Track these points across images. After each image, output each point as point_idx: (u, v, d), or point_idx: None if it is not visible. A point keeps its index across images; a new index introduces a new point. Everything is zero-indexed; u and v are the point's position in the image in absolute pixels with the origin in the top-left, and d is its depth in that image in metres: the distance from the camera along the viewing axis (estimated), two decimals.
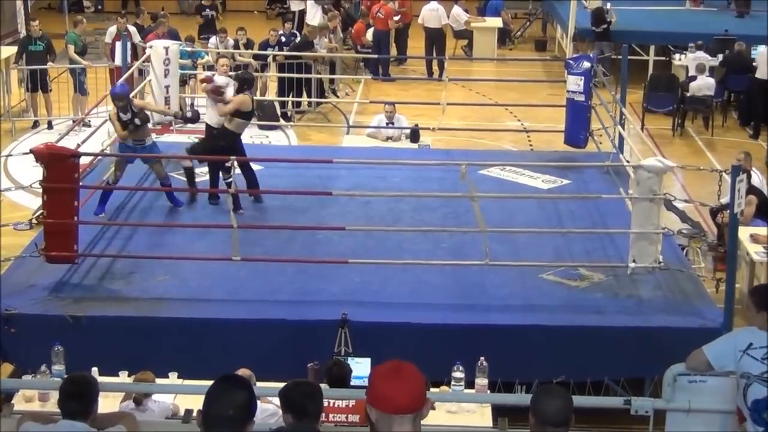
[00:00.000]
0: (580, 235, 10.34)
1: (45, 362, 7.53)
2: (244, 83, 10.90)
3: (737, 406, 5.24)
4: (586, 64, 12.58)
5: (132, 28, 17.25)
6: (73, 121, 14.95)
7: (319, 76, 16.88)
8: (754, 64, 17.53)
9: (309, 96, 16.88)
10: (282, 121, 16.45)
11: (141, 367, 7.28)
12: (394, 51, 20.30)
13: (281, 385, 6.85)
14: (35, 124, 16.21)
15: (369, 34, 20.08)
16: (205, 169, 11.38)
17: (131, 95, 13.53)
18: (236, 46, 17.45)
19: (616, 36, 18.86)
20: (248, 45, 17.73)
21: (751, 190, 11.10)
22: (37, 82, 16.01)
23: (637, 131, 13.39)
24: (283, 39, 17.51)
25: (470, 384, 7.54)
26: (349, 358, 7.77)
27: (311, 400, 4.66)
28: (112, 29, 17.27)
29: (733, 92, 17.71)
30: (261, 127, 15.97)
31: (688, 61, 17.70)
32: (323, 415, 6.78)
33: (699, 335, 7.61)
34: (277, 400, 6.90)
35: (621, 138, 12.70)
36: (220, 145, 10.71)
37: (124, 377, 7.53)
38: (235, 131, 10.82)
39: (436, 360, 7.75)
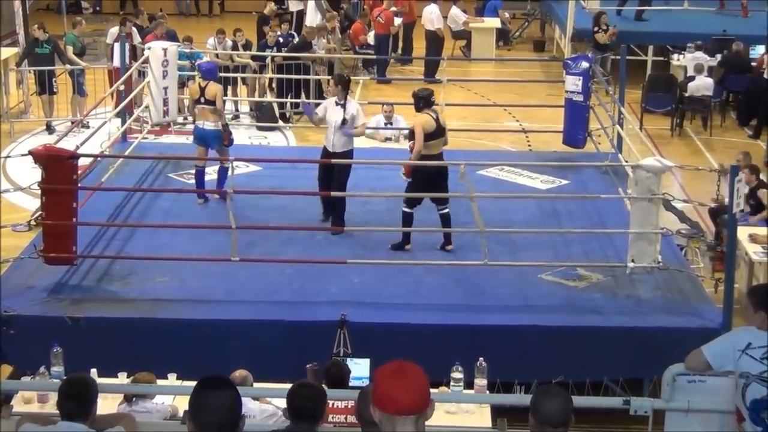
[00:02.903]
0: (578, 236, 10.35)
1: (44, 363, 7.52)
2: (420, 102, 10.12)
3: (736, 405, 5.24)
4: (585, 65, 12.58)
5: (133, 29, 17.23)
6: (72, 123, 14.95)
7: (317, 77, 16.87)
8: (753, 63, 17.55)
9: (307, 97, 16.87)
10: (280, 122, 16.45)
11: (140, 368, 7.27)
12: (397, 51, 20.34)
13: (280, 385, 6.89)
14: (48, 127, 16.14)
15: (370, 37, 20.06)
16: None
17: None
18: (234, 47, 17.44)
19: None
20: (246, 46, 17.72)
21: (762, 184, 11.15)
22: (45, 85, 16.00)
23: (636, 131, 13.37)
24: (281, 40, 17.50)
25: (469, 384, 7.54)
26: (348, 359, 7.78)
27: (310, 401, 4.66)
28: (113, 30, 17.23)
29: (731, 92, 17.71)
30: (259, 128, 15.99)
31: (687, 62, 17.69)
32: None
33: (698, 335, 7.62)
34: (276, 401, 6.95)
35: (619, 138, 12.71)
36: (429, 173, 9.99)
37: (123, 378, 7.53)
38: (428, 153, 9.96)
39: (435, 360, 7.70)
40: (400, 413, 3.53)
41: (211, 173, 11.70)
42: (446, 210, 10.16)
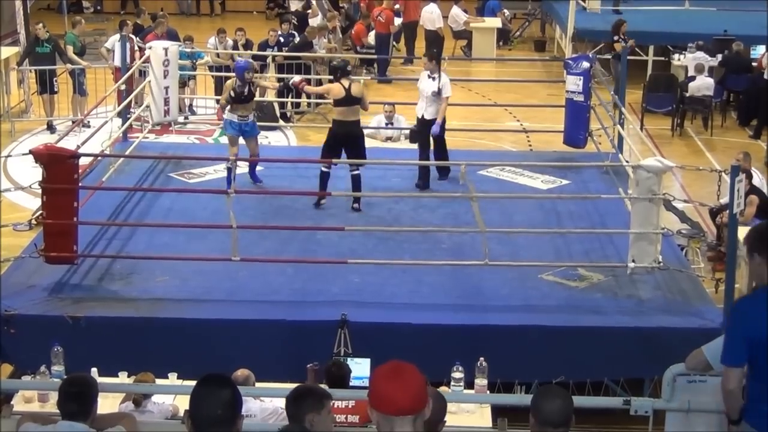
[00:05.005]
0: (579, 236, 10.35)
1: (44, 363, 7.53)
2: (336, 72, 11.29)
3: None
4: (585, 65, 12.57)
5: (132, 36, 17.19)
6: (73, 122, 14.95)
7: (318, 76, 16.87)
8: (753, 63, 17.54)
9: (308, 96, 16.85)
10: (281, 122, 16.45)
11: (140, 368, 7.28)
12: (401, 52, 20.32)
13: (280, 385, 6.90)
14: (50, 126, 16.14)
15: (371, 37, 20.06)
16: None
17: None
18: (235, 47, 17.44)
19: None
20: (247, 45, 17.72)
21: (752, 190, 11.11)
22: (45, 84, 16.01)
23: (637, 131, 13.38)
24: (282, 39, 17.51)
25: (470, 384, 7.54)
26: (349, 359, 7.77)
27: (290, 403, 4.81)
28: (113, 38, 17.09)
29: (732, 92, 17.71)
30: (260, 128, 15.94)
31: (688, 62, 17.68)
32: None
33: (698, 335, 7.61)
34: (277, 401, 6.95)
35: (620, 138, 12.71)
36: (336, 133, 11.21)
37: (123, 378, 7.53)
38: (341, 119, 11.20)
39: (436, 360, 7.75)
40: (399, 413, 3.53)
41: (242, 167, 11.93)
42: (358, 172, 11.00)
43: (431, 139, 11.84)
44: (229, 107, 11.65)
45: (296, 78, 12.23)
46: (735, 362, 4.96)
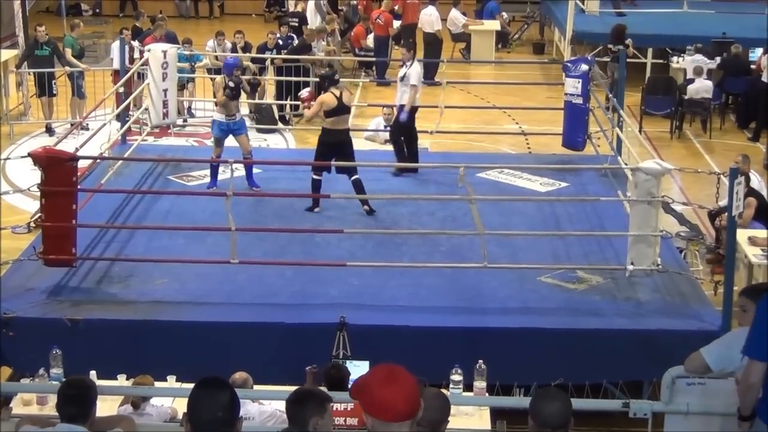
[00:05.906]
0: (578, 238, 10.34)
1: (43, 365, 7.52)
2: (325, 81, 11.35)
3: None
4: (584, 67, 12.57)
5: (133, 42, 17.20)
6: (72, 125, 14.95)
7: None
8: (752, 66, 17.54)
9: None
10: (280, 125, 16.45)
11: (139, 371, 7.27)
12: (398, 54, 20.28)
13: (280, 388, 6.90)
14: (49, 129, 16.14)
15: (369, 39, 20.07)
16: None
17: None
18: (234, 50, 17.45)
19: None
20: (246, 48, 17.72)
21: (750, 192, 11.11)
22: (44, 87, 16.01)
23: (635, 134, 13.36)
24: (281, 42, 17.51)
25: (469, 387, 7.54)
26: (348, 361, 7.78)
27: (290, 406, 4.79)
28: (116, 44, 17.10)
29: (730, 95, 17.70)
30: (259, 131, 15.97)
31: (686, 64, 17.67)
32: None
33: (697, 338, 7.62)
34: (276, 404, 6.95)
35: (619, 140, 12.71)
36: (327, 142, 11.16)
37: (122, 380, 7.53)
38: (332, 128, 11.11)
39: (435, 363, 7.76)
40: (397, 419, 3.52)
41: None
42: (356, 177, 10.98)
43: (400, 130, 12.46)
44: (216, 108, 11.70)
45: (305, 93, 11.99)
46: (762, 356, 4.94)
